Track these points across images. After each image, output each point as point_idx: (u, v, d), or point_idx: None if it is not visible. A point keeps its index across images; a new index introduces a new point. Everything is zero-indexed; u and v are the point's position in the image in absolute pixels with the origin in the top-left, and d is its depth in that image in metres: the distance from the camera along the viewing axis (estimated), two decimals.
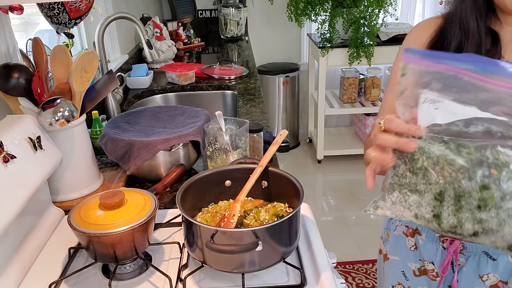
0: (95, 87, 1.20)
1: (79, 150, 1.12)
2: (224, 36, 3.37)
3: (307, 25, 3.63)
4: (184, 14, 3.22)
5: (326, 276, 0.85)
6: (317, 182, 3.33)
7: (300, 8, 3.07)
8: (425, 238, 1.00)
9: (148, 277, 0.88)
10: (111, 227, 0.82)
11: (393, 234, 1.09)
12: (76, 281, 0.88)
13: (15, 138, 0.90)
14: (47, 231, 1.00)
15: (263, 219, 0.92)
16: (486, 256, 0.93)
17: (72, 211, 0.87)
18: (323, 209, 2.98)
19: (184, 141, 1.19)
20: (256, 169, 0.96)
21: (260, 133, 1.26)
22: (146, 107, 1.42)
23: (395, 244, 1.08)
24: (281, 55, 3.84)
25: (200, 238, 0.82)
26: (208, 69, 2.27)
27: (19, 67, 1.05)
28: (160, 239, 0.99)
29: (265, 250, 0.80)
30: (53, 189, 1.09)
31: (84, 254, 0.94)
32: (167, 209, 1.10)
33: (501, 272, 0.93)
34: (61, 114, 1.01)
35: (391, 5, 2.95)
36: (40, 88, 1.06)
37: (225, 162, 1.19)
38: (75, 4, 1.28)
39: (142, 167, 1.18)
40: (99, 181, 1.19)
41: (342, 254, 2.45)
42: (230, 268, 0.83)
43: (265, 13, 3.69)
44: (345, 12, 2.97)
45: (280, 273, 0.88)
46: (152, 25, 2.54)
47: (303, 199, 0.87)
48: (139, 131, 1.25)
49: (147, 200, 0.90)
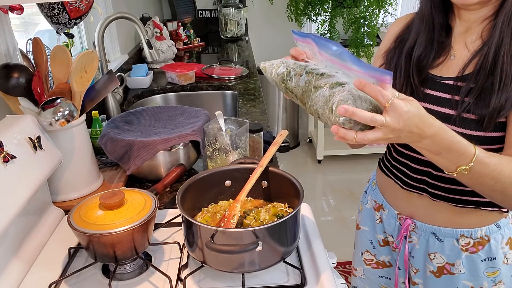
0: (95, 87, 1.20)
1: (79, 150, 1.12)
2: (224, 36, 3.38)
3: (307, 25, 3.62)
4: (184, 14, 3.22)
5: (326, 276, 0.85)
6: (317, 182, 3.33)
7: (300, 8, 3.08)
8: (387, 213, 1.11)
9: (148, 277, 0.88)
10: (111, 227, 0.82)
11: (365, 207, 1.20)
12: (76, 281, 0.88)
13: (15, 138, 0.90)
14: (47, 231, 1.00)
15: (263, 219, 0.92)
16: (434, 237, 1.01)
17: (72, 211, 0.87)
18: (323, 209, 2.98)
19: (184, 141, 1.19)
20: (256, 169, 0.96)
21: (260, 133, 1.26)
22: (146, 107, 1.42)
23: (365, 216, 1.20)
24: (281, 55, 3.81)
25: (200, 238, 0.82)
26: (208, 69, 2.27)
27: (19, 67, 1.05)
28: (160, 239, 0.99)
29: (265, 250, 0.80)
30: (53, 189, 1.09)
31: (84, 254, 0.94)
32: (167, 209, 1.10)
33: (447, 254, 1.00)
34: (61, 114, 1.01)
35: (391, 5, 2.96)
36: (40, 88, 1.06)
37: (225, 162, 1.19)
38: (75, 4, 1.28)
39: (142, 167, 1.18)
40: (99, 181, 1.19)
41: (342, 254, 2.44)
42: (230, 268, 0.83)
43: (265, 13, 3.69)
44: (345, 12, 2.98)
45: (280, 273, 0.88)
46: (152, 25, 2.54)
47: (303, 199, 0.87)
48: (139, 131, 1.25)
49: (147, 200, 0.90)
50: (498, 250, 0.97)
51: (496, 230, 0.97)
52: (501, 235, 0.97)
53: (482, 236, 0.97)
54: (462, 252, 0.99)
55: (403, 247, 1.07)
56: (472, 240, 0.98)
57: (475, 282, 1.00)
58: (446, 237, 1.00)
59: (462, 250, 0.99)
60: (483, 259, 0.98)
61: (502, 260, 0.98)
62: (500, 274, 0.99)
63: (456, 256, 1.00)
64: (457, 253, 0.99)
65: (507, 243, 0.98)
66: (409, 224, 1.03)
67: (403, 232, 1.05)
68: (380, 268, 1.19)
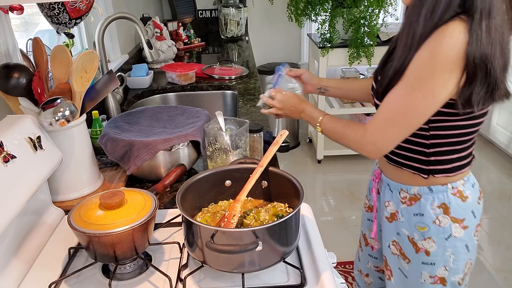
0: (95, 87, 1.20)
1: (79, 150, 1.12)
2: (224, 36, 3.38)
3: (307, 25, 3.63)
4: (184, 14, 3.22)
5: (326, 276, 0.85)
6: (317, 182, 3.33)
7: (300, 8, 3.07)
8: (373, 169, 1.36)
9: (148, 277, 0.88)
10: (111, 227, 0.82)
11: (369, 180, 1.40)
12: (76, 281, 0.88)
13: (15, 138, 0.90)
14: (47, 231, 1.00)
15: (263, 219, 0.92)
16: (388, 187, 1.22)
17: (72, 211, 0.87)
18: (323, 209, 2.97)
19: (184, 141, 1.19)
20: (256, 169, 0.96)
21: (260, 133, 1.26)
22: (146, 107, 1.42)
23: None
24: (281, 55, 3.84)
25: (200, 238, 0.82)
26: (208, 69, 2.27)
27: (19, 67, 1.05)
28: (160, 239, 0.99)
29: (265, 250, 0.80)
30: (53, 189, 1.09)
31: (84, 254, 0.94)
32: (167, 209, 1.10)
33: (395, 202, 1.20)
34: (61, 114, 1.01)
35: (391, 5, 2.95)
36: (40, 88, 1.06)
37: (225, 162, 1.19)
38: (75, 4, 1.28)
39: (142, 167, 1.18)
40: (99, 181, 1.19)
41: (342, 254, 2.44)
42: (230, 268, 0.83)
43: (265, 13, 3.69)
44: (345, 12, 2.97)
45: (280, 273, 0.88)
46: (152, 25, 2.54)
47: (303, 199, 0.88)
48: (139, 131, 1.25)
49: (147, 200, 0.90)
50: (426, 209, 1.12)
51: (428, 192, 1.12)
52: (433, 197, 1.12)
53: (415, 193, 1.14)
54: (401, 204, 1.18)
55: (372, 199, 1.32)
56: (408, 195, 1.15)
57: (409, 232, 1.17)
58: (394, 189, 1.20)
59: (401, 202, 1.17)
60: (414, 213, 1.15)
61: (432, 220, 1.12)
62: (429, 231, 1.13)
63: (398, 206, 1.19)
64: (399, 203, 1.19)
65: (439, 207, 1.11)
66: (379, 174, 1.28)
67: (374, 180, 1.30)
68: (368, 212, 1.42)
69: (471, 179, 1.15)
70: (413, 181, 1.14)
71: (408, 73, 0.98)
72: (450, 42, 0.91)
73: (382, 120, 1.04)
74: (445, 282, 1.17)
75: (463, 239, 1.13)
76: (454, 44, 0.90)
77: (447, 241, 1.12)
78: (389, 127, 1.03)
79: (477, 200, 1.15)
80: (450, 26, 0.91)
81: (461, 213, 1.11)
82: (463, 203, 1.11)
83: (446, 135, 1.06)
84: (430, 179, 1.12)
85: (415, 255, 1.17)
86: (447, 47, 0.91)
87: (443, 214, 1.11)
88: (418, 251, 1.16)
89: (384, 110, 1.04)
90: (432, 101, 0.97)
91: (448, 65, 0.92)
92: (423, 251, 1.15)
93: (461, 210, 1.11)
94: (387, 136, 1.04)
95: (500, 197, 3.03)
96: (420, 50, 0.95)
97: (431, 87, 0.95)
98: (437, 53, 0.92)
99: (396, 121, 1.02)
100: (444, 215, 1.11)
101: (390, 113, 1.02)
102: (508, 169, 3.37)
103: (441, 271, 1.16)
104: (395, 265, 1.24)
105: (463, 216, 1.11)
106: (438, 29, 0.92)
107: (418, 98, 0.97)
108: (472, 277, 2.45)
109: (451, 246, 1.13)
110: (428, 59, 0.93)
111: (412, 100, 0.98)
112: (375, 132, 1.05)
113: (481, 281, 2.25)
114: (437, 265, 1.15)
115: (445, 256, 1.14)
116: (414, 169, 1.13)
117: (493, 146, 3.67)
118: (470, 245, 1.15)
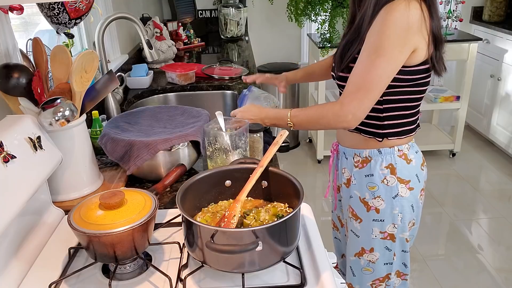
0: (95, 87, 1.20)
1: (79, 150, 1.12)
2: (224, 36, 3.38)
3: (307, 25, 3.62)
4: (184, 14, 3.22)
5: (326, 276, 0.85)
6: (317, 182, 3.33)
7: (300, 8, 3.07)
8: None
9: (148, 277, 0.88)
10: (111, 227, 0.82)
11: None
12: (76, 281, 0.88)
13: (15, 138, 0.90)
14: (47, 231, 1.00)
15: (263, 219, 0.92)
16: (344, 155, 1.36)
17: (72, 211, 0.87)
18: (323, 209, 2.97)
19: (184, 141, 1.19)
20: (256, 169, 0.96)
21: (260, 133, 1.26)
22: (146, 107, 1.42)
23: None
24: (281, 55, 3.84)
25: (200, 238, 0.82)
26: (208, 69, 2.27)
27: (19, 67, 1.05)
28: (160, 239, 0.99)
29: (265, 250, 0.80)
30: (53, 189, 1.09)
31: (84, 254, 0.94)
32: (167, 209, 1.10)
33: (349, 168, 1.34)
34: (61, 114, 1.01)
35: None
36: (40, 88, 1.06)
37: (225, 162, 1.19)
38: (75, 4, 1.28)
39: (142, 167, 1.18)
40: (99, 181, 1.19)
41: None
42: (230, 268, 0.83)
43: (265, 13, 3.69)
44: (345, 12, 2.97)
45: (280, 273, 0.88)
46: (152, 25, 2.54)
47: (303, 199, 0.88)
48: (139, 131, 1.25)
49: (147, 200, 0.90)
50: (376, 169, 1.26)
51: (377, 154, 1.26)
52: (381, 159, 1.25)
53: (366, 156, 1.28)
54: (354, 168, 1.31)
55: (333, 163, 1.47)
56: (360, 158, 1.29)
57: (361, 193, 1.30)
58: (349, 155, 1.33)
59: (354, 166, 1.31)
60: (366, 174, 1.28)
61: (380, 179, 1.26)
62: (378, 190, 1.27)
63: (351, 170, 1.32)
64: (352, 167, 1.32)
65: (387, 167, 1.25)
66: (336, 145, 1.42)
67: (332, 151, 1.44)
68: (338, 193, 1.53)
69: (415, 146, 1.30)
70: (365, 144, 1.27)
71: (368, 45, 1.11)
72: (398, 14, 1.07)
73: (355, 90, 1.13)
74: (394, 238, 1.30)
75: (409, 199, 1.27)
76: (402, 14, 1.06)
77: (394, 199, 1.26)
78: (363, 95, 1.12)
79: (421, 166, 1.29)
80: (395, 2, 1.08)
81: (406, 174, 1.25)
82: (408, 165, 1.25)
83: (397, 100, 1.20)
84: (382, 142, 1.25)
85: (366, 214, 1.30)
86: (398, 15, 1.07)
87: (390, 174, 1.25)
88: (369, 210, 1.29)
89: (355, 81, 1.13)
90: (395, 64, 1.11)
91: (400, 32, 1.07)
92: (374, 209, 1.28)
93: (406, 172, 1.25)
94: (364, 103, 1.13)
95: (500, 197, 3.03)
96: (374, 23, 1.10)
97: (392, 52, 1.09)
98: (389, 23, 1.08)
99: (368, 88, 1.12)
100: (391, 175, 1.25)
101: (362, 82, 1.12)
102: (508, 169, 3.37)
103: (390, 228, 1.29)
104: (348, 227, 1.38)
105: (409, 178, 1.26)
106: (386, 5, 1.08)
107: (383, 63, 1.10)
108: (472, 277, 2.45)
109: (399, 205, 1.26)
110: (384, 29, 1.08)
111: (378, 66, 1.10)
112: (351, 102, 1.13)
113: (481, 281, 2.25)
114: (386, 221, 1.28)
115: (393, 214, 1.27)
116: (369, 134, 1.26)
117: (493, 146, 3.67)
118: (415, 206, 1.29)
